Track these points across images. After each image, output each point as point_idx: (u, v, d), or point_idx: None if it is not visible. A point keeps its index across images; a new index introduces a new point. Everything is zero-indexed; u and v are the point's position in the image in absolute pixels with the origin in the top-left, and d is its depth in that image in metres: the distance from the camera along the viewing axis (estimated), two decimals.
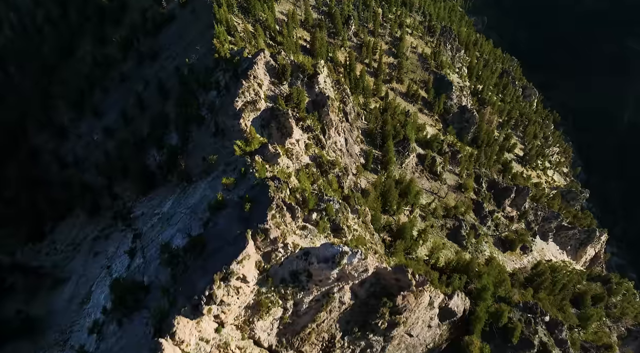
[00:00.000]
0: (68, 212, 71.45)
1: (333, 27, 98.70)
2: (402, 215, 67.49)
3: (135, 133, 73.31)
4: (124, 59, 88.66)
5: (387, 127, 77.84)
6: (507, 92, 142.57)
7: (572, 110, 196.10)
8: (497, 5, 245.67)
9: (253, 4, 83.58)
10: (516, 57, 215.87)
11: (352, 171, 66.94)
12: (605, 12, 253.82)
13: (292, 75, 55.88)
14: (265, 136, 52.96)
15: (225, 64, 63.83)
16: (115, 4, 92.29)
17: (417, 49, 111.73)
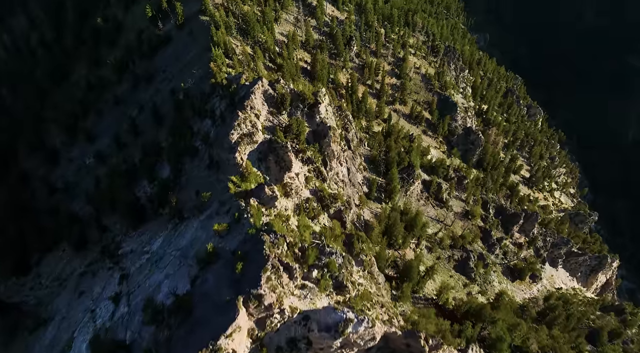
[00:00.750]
0: (54, 244, 67.63)
1: (334, 48, 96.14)
2: (408, 249, 63.71)
3: (128, 160, 70.04)
4: (118, 81, 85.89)
5: (390, 154, 74.53)
6: (512, 111, 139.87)
7: (577, 128, 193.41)
8: (499, 22, 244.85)
9: (252, 26, 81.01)
10: (518, 74, 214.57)
11: (354, 202, 63.43)
12: (606, 30, 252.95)
13: (292, 105, 52.73)
14: (263, 170, 49.59)
15: (221, 90, 60.87)
16: (111, 25, 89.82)
17: (421, 70, 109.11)
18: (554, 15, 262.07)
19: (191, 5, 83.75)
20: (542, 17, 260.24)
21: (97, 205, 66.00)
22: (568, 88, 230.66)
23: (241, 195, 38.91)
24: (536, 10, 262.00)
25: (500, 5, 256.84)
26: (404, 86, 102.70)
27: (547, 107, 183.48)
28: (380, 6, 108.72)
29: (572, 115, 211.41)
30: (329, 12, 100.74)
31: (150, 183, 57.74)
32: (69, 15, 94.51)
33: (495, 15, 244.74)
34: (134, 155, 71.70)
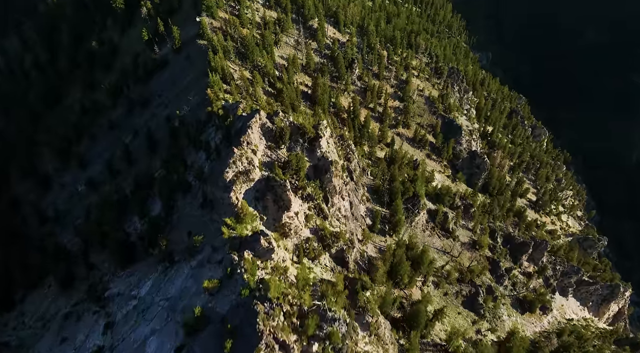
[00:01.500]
0: (40, 280, 64.12)
1: (336, 71, 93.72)
2: (415, 288, 60.05)
3: (119, 190, 66.91)
4: (113, 106, 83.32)
5: (395, 183, 71.30)
6: (517, 132, 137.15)
7: (582, 148, 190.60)
8: (500, 41, 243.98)
9: (251, 50, 78.60)
10: (521, 92, 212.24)
11: (357, 237, 60.03)
12: (607, 47, 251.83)
13: (291, 138, 49.70)
14: (260, 209, 46.32)
15: (217, 120, 58.09)
16: (107, 48, 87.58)
17: (424, 92, 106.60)
18: (555, 32, 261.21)
19: (188, 29, 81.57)
20: (544, 34, 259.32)
21: (86, 238, 62.69)
22: (571, 106, 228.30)
23: (235, 244, 35.55)
24: (537, 28, 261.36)
25: (501, 24, 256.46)
26: (407, 109, 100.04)
27: (551, 126, 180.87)
28: (382, 28, 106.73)
29: (577, 134, 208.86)
30: (331, 35, 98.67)
31: (140, 219, 54.47)
32: (63, 37, 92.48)
33: (496, 34, 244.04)
34: (126, 184, 68.80)
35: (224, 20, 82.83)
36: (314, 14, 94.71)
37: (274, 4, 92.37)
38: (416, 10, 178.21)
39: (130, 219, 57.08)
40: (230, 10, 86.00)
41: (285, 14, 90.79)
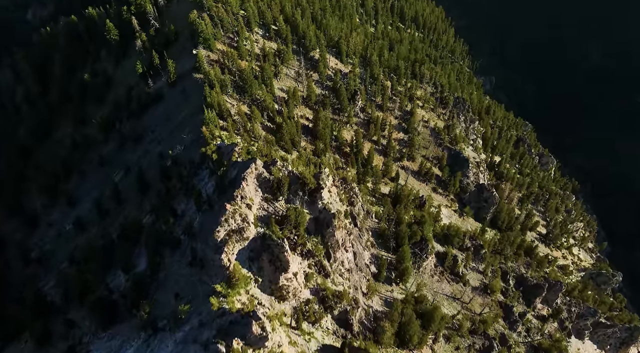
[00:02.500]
0: (18, 334, 59.13)
1: (338, 103, 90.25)
2: (425, 347, 54.89)
3: (106, 235, 62.49)
4: (104, 141, 79.58)
5: (401, 227, 66.77)
6: (524, 162, 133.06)
7: (589, 173, 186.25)
8: (503, 65, 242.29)
9: (250, 84, 75.19)
10: (525, 116, 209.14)
11: (362, 290, 55.24)
12: (612, 70, 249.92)
13: (290, 189, 45.45)
14: (255, 270, 41.80)
15: (211, 164, 54.13)
16: (100, 80, 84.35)
17: (429, 123, 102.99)
18: (559, 55, 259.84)
19: (185, 62, 78.43)
20: (547, 57, 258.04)
21: (67, 289, 57.98)
22: (577, 128, 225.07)
23: (224, 324, 30.90)
24: (541, 51, 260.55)
25: (505, 47, 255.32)
26: (412, 141, 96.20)
27: (557, 152, 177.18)
28: (385, 58, 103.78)
29: (584, 159, 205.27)
30: (332, 65, 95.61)
31: (125, 273, 49.87)
32: (55, 69, 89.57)
33: (500, 58, 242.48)
34: (113, 228, 64.54)
35: (222, 52, 79.74)
36: (315, 44, 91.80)
37: (274, 35, 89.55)
38: (419, 35, 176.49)
39: (114, 272, 52.48)
40: (228, 42, 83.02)
41: (285, 45, 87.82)
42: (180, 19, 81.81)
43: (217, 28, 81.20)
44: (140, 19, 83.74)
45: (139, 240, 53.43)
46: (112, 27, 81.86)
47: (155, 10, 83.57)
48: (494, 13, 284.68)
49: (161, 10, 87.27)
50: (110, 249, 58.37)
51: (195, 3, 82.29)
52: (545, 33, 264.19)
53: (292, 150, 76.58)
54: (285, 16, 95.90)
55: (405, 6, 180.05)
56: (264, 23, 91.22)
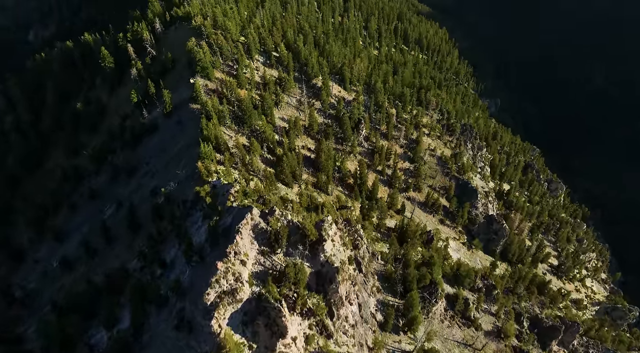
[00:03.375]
0: None
1: (341, 132, 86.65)
2: None
3: (92, 280, 58.15)
4: (96, 173, 75.86)
5: (409, 270, 62.25)
6: (533, 189, 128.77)
7: (598, 198, 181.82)
8: (508, 87, 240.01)
9: (249, 115, 71.70)
10: (531, 139, 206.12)
11: (367, 345, 50.50)
12: (616, 94, 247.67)
13: (289, 240, 41.29)
14: (249, 335, 37.33)
15: (205, 206, 50.21)
16: (94, 108, 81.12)
17: (436, 152, 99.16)
18: (562, 77, 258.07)
19: (181, 91, 75.22)
20: (551, 79, 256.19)
21: (47, 339, 53.47)
22: (583, 153, 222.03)
23: None
24: (544, 73, 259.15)
25: (509, 69, 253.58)
26: (419, 171, 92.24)
27: (565, 176, 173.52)
28: (390, 85, 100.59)
29: (591, 183, 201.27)
30: (336, 93, 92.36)
31: (107, 330, 45.42)
32: (48, 96, 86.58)
33: (504, 80, 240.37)
34: (100, 270, 60.33)
35: (220, 81, 76.57)
36: (317, 71, 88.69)
37: (275, 63, 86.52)
38: (423, 57, 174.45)
39: (96, 327, 48.01)
40: (227, 70, 79.96)
41: (287, 73, 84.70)
42: (177, 47, 78.94)
43: (216, 56, 78.25)
44: (136, 47, 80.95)
45: (124, 291, 49.14)
46: (107, 55, 79.01)
47: (152, 38, 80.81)
48: (497, 34, 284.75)
49: (158, 37, 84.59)
50: (94, 298, 54.12)
51: (193, 30, 79.58)
52: (549, 55, 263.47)
53: (292, 184, 72.84)
54: (287, 42, 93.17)
55: (409, 28, 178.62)
56: (264, 50, 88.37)
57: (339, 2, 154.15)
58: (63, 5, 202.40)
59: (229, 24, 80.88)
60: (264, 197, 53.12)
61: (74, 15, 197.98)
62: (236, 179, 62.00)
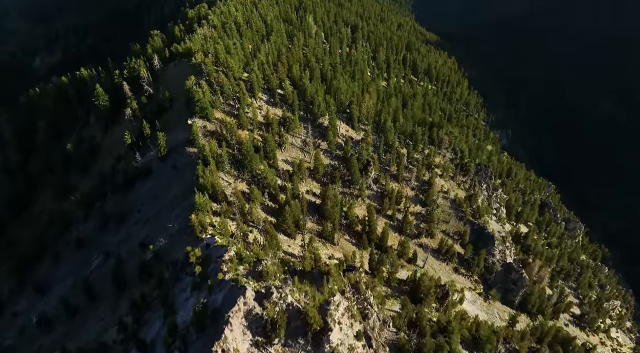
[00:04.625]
0: None
1: (349, 175, 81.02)
2: None
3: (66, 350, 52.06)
4: (84, 219, 70.41)
5: (425, 339, 55.34)
6: (551, 230, 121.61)
7: (614, 236, 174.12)
8: (517, 117, 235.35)
9: (249, 159, 66.39)
10: (544, 170, 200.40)
11: None
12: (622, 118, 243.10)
13: (289, 328, 35.04)
14: None
15: (194, 271, 44.39)
16: (86, 147, 76.34)
17: (449, 194, 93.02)
18: (570, 102, 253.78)
19: (178, 132, 70.32)
20: (559, 105, 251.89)
21: None
22: (596, 183, 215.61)
23: None
24: (552, 99, 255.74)
25: (518, 98, 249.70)
26: (431, 216, 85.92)
27: (580, 210, 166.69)
28: (401, 123, 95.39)
29: (608, 215, 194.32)
30: (343, 132, 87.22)
31: None
32: (39, 135, 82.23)
33: (514, 111, 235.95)
34: (80, 331, 54.38)
35: (220, 121, 71.71)
36: (324, 110, 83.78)
37: (279, 101, 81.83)
38: (432, 88, 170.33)
39: None
40: (228, 109, 75.22)
41: (291, 112, 79.83)
42: (176, 84, 74.52)
43: (217, 95, 73.62)
44: (133, 84, 76.73)
45: None
46: (101, 93, 74.73)
47: (149, 76, 76.56)
48: (505, 61, 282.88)
49: (157, 74, 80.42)
50: None
51: (193, 67, 75.37)
52: (556, 79, 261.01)
53: (295, 235, 66.89)
54: (293, 78, 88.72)
55: (417, 58, 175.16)
56: (268, 87, 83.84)
57: (346, 33, 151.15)
58: (70, 32, 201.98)
59: (231, 61, 76.62)
60: (262, 262, 47.18)
61: (80, 42, 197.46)
62: (233, 234, 56.38)
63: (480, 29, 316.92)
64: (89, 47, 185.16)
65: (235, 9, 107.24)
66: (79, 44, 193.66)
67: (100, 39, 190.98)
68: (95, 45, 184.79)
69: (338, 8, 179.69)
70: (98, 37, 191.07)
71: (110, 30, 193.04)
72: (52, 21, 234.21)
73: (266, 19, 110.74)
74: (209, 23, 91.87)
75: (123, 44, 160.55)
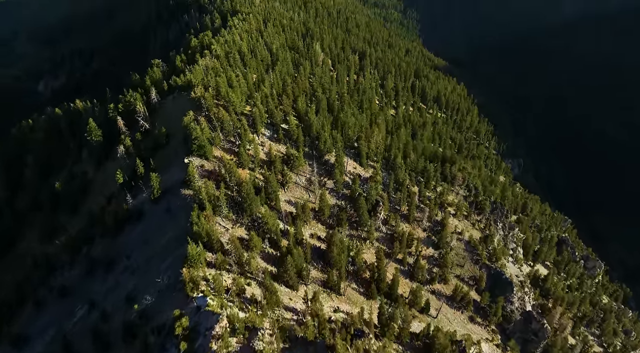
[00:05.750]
0: None
1: (356, 216, 75.49)
2: None
3: None
4: (70, 264, 65.08)
5: None
6: (570, 270, 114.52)
7: (634, 273, 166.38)
8: (527, 144, 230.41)
9: (249, 202, 61.18)
10: (556, 199, 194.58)
11: None
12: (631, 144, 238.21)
13: None
14: None
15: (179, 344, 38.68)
16: (77, 184, 71.63)
17: (464, 235, 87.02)
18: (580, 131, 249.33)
19: (174, 171, 65.49)
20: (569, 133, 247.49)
21: None
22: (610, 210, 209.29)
23: None
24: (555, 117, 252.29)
25: (526, 125, 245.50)
26: (445, 260, 79.85)
27: (596, 243, 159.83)
28: (412, 160, 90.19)
29: (624, 248, 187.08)
30: (350, 170, 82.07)
31: None
32: (27, 171, 77.86)
33: (524, 138, 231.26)
34: None
35: (219, 160, 66.86)
36: (331, 146, 78.86)
37: (282, 137, 77.03)
38: (442, 116, 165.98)
39: None
40: (228, 146, 70.50)
41: (296, 148, 74.96)
42: (174, 119, 70.07)
43: (216, 131, 69.03)
44: (129, 118, 72.49)
45: None
46: (94, 128, 70.48)
47: (145, 110, 72.30)
48: (510, 83, 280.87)
49: (154, 107, 76.22)
50: None
51: (192, 101, 71.10)
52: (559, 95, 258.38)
53: (298, 286, 61.03)
54: (298, 111, 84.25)
55: (426, 86, 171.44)
56: (272, 122, 79.27)
57: (354, 61, 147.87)
58: (75, 56, 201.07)
59: (232, 95, 72.30)
60: (259, 332, 41.41)
61: (85, 66, 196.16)
62: (228, 289, 50.87)
63: (483, 50, 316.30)
64: (94, 71, 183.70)
65: (240, 37, 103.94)
66: (84, 68, 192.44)
67: (105, 63, 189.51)
68: (100, 69, 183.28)
69: (346, 34, 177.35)
70: (104, 61, 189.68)
71: (115, 54, 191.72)
72: (59, 44, 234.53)
73: (272, 47, 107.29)
74: (211, 53, 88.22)
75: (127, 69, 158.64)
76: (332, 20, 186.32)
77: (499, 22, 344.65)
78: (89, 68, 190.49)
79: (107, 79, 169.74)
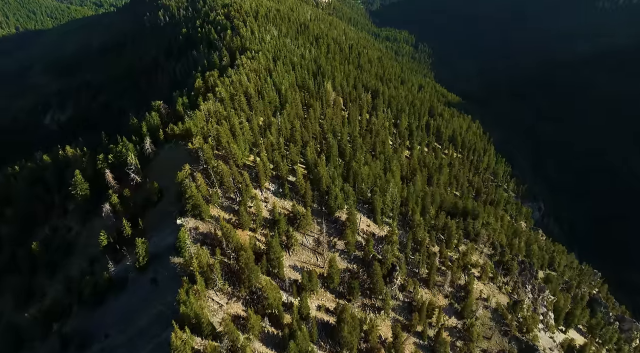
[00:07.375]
0: None
1: (370, 282, 66.65)
2: None
3: None
4: (42, 340, 56.71)
5: None
6: (605, 333, 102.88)
7: None
8: (546, 182, 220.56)
9: (248, 274, 52.96)
10: (579, 242, 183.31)
11: None
12: None
13: None
14: None
15: None
16: (59, 242, 64.12)
17: (490, 301, 77.35)
18: (600, 170, 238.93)
19: (164, 233, 57.86)
20: (588, 172, 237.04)
21: None
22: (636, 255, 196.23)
23: None
24: (580, 166, 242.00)
25: (545, 162, 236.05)
26: (470, 333, 69.96)
27: (623, 292, 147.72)
28: (431, 215, 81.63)
29: None
30: (364, 228, 73.78)
31: None
32: (4, 228, 70.96)
33: (542, 177, 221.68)
34: None
35: (216, 220, 59.14)
36: (342, 202, 70.93)
37: (288, 192, 69.31)
38: (457, 156, 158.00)
39: None
40: (228, 203, 62.85)
41: (303, 205, 67.13)
42: (169, 171, 62.78)
43: (214, 187, 61.67)
44: (120, 170, 65.68)
45: None
46: (80, 181, 63.74)
47: (137, 163, 65.49)
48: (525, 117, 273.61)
49: (148, 158, 69.44)
50: None
51: (190, 153, 64.19)
52: (582, 141, 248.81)
53: None
54: (306, 160, 76.86)
55: (441, 125, 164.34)
56: (277, 175, 71.88)
57: (367, 99, 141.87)
58: (83, 89, 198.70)
59: (234, 146, 65.34)
60: None
61: (93, 99, 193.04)
62: None
63: (494, 83, 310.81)
64: (100, 104, 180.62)
65: (247, 77, 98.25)
66: (91, 101, 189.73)
67: (113, 96, 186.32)
68: (107, 103, 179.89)
69: (358, 71, 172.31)
70: (111, 94, 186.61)
71: (124, 87, 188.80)
72: (71, 77, 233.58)
73: (280, 88, 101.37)
74: (215, 96, 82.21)
75: (133, 104, 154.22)
76: (344, 56, 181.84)
77: (508, 55, 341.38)
78: (96, 101, 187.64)
79: (112, 114, 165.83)
